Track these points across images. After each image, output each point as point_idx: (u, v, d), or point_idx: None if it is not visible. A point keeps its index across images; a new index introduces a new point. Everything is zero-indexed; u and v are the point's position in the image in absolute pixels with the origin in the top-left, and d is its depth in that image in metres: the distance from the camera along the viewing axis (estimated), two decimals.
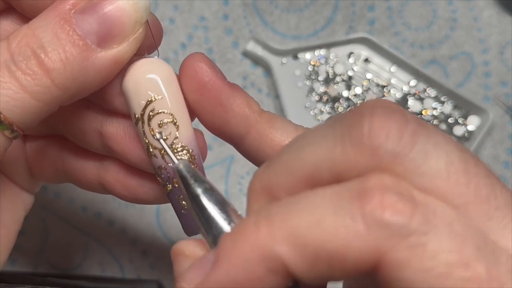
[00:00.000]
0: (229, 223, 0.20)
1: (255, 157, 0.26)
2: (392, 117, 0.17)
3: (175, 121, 0.24)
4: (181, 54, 0.47)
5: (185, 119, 0.25)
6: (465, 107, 0.47)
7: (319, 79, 0.47)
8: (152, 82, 0.24)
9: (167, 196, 0.26)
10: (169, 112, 0.24)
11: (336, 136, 0.18)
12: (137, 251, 0.45)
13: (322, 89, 0.47)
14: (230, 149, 0.47)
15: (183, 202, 0.26)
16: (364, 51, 0.48)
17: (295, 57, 0.48)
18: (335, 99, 0.47)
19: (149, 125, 0.24)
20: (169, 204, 0.46)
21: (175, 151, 0.25)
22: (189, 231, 0.28)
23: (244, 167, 0.46)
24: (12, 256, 0.38)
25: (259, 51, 0.47)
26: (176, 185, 0.26)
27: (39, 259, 0.45)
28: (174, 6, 0.48)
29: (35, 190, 0.31)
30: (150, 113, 0.24)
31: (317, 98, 0.47)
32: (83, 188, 0.30)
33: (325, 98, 0.47)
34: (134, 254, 0.45)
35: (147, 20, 0.23)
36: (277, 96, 0.47)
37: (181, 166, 0.22)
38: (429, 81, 0.47)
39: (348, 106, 0.47)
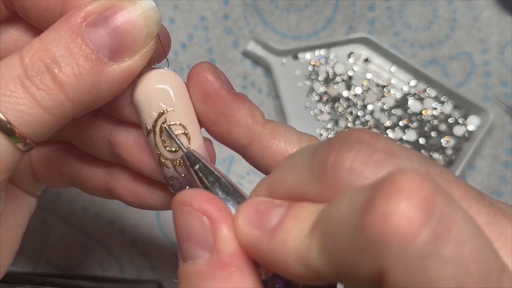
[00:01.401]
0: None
1: (259, 166, 0.26)
2: (357, 149, 0.18)
3: (186, 132, 0.24)
4: (181, 54, 0.47)
5: (195, 129, 0.25)
6: (465, 107, 0.47)
7: (319, 79, 0.47)
8: (164, 94, 0.24)
9: None
10: (180, 123, 0.24)
11: (309, 166, 0.19)
12: (137, 251, 0.45)
13: (322, 89, 0.47)
14: (230, 149, 0.47)
15: None
16: (364, 51, 0.48)
17: (295, 57, 0.48)
18: (335, 99, 0.47)
19: (161, 136, 0.24)
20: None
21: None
22: None
23: (244, 167, 0.46)
24: None
25: (259, 51, 0.47)
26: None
27: (39, 259, 0.45)
28: (174, 5, 0.48)
29: (38, 193, 0.31)
30: (162, 125, 0.24)
31: (317, 98, 0.47)
32: (88, 193, 0.30)
33: (325, 98, 0.47)
34: (134, 254, 0.45)
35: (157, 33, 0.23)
36: (277, 96, 0.47)
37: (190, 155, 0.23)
38: (429, 81, 0.47)
39: (348, 106, 0.47)
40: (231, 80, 0.26)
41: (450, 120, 0.47)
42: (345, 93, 0.47)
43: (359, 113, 0.47)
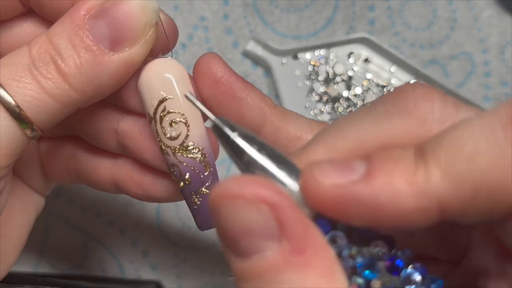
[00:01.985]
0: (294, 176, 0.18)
1: None
2: (433, 92, 0.19)
3: (186, 120, 0.25)
4: (181, 54, 0.47)
5: (197, 118, 0.25)
6: None
7: (319, 79, 0.47)
8: (165, 82, 0.25)
9: (180, 192, 0.27)
10: (180, 111, 0.25)
11: (380, 112, 0.19)
12: (137, 251, 0.45)
13: (322, 89, 0.47)
14: None
15: (195, 198, 0.27)
16: (364, 51, 0.48)
17: (295, 57, 0.48)
18: (335, 99, 0.47)
19: (161, 123, 0.25)
20: (170, 204, 0.46)
21: (187, 148, 0.25)
22: (203, 226, 0.28)
23: None
24: None
25: (259, 51, 0.47)
26: (187, 182, 0.26)
27: (39, 259, 0.45)
28: (175, 5, 0.48)
29: (46, 192, 0.31)
30: (162, 113, 0.25)
31: (317, 98, 0.47)
32: (95, 189, 0.30)
33: (325, 98, 0.47)
34: (134, 254, 0.45)
35: (159, 22, 0.24)
36: (277, 96, 0.47)
37: (218, 122, 0.19)
38: (429, 81, 0.47)
39: (348, 106, 0.47)
40: None
41: None
42: (345, 93, 0.47)
43: None
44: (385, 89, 0.47)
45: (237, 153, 0.18)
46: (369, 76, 0.47)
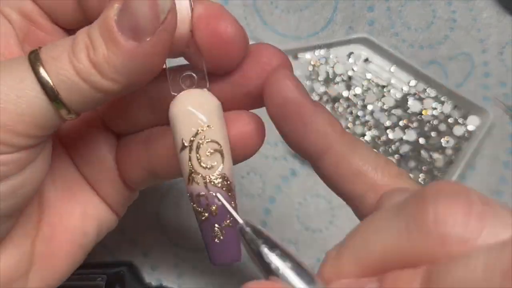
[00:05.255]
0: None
1: (330, 179, 0.25)
2: (456, 203, 0.17)
3: (222, 151, 0.25)
4: None
5: (229, 151, 0.26)
6: (465, 107, 0.47)
7: (319, 79, 0.47)
8: (206, 110, 0.25)
9: (199, 225, 0.26)
10: (218, 142, 0.25)
11: (401, 226, 0.18)
12: (137, 252, 0.45)
13: (322, 89, 0.47)
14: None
15: (219, 232, 0.26)
16: (364, 51, 0.48)
17: (295, 57, 0.48)
18: (335, 99, 0.47)
19: (197, 152, 0.25)
20: (170, 204, 0.46)
21: (218, 179, 0.25)
22: (217, 261, 0.27)
23: (244, 167, 0.47)
24: None
25: None
26: (214, 214, 0.26)
27: None
28: None
29: (121, 210, 0.32)
30: (200, 141, 0.25)
31: (317, 98, 0.47)
32: (172, 178, 0.30)
33: (325, 98, 0.47)
34: (134, 254, 0.45)
35: (174, 8, 0.24)
36: None
37: (247, 229, 0.21)
38: (429, 81, 0.47)
39: (348, 106, 0.47)
40: None
41: (450, 120, 0.47)
42: (345, 93, 0.47)
43: (359, 113, 0.47)
44: (385, 89, 0.47)
45: (263, 263, 0.20)
46: (369, 76, 0.47)
